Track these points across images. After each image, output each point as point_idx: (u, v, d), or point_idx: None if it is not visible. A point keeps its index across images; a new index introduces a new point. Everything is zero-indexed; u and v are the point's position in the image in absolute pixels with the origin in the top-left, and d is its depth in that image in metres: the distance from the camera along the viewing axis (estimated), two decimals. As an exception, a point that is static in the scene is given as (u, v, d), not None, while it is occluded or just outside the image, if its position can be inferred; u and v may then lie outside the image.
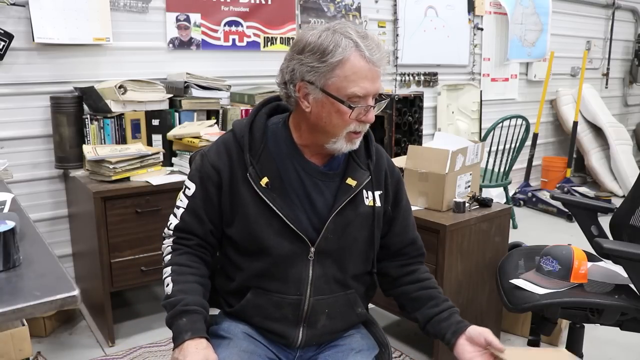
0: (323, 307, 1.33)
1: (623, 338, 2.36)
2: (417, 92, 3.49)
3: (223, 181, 1.30)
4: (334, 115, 1.23)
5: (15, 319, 1.10)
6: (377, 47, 1.21)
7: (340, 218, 1.30)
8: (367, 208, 1.34)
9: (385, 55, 1.24)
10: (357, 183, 1.32)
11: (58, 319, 2.68)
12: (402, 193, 1.44)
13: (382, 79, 1.25)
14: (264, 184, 1.27)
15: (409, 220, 1.45)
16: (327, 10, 3.68)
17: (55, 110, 2.66)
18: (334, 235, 1.31)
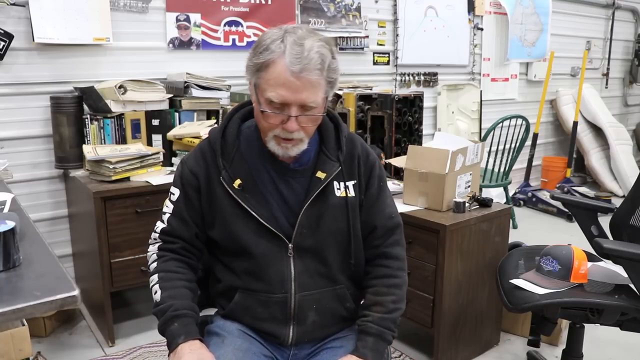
0: (310, 302, 1.34)
1: (623, 338, 2.36)
2: (417, 92, 3.48)
3: (201, 185, 1.34)
4: (258, 115, 1.28)
5: (15, 319, 1.10)
6: (305, 58, 1.17)
7: (312, 211, 1.32)
8: (339, 199, 1.34)
9: (314, 68, 1.18)
10: (326, 175, 1.32)
11: (58, 319, 2.68)
12: (373, 179, 1.40)
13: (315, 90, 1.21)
14: (237, 186, 1.30)
15: (375, 207, 1.40)
16: (327, 10, 3.68)
17: (55, 110, 2.66)
18: (308, 229, 1.32)
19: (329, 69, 1.22)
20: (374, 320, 1.31)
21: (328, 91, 1.26)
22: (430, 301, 2.30)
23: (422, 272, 2.32)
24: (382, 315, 1.32)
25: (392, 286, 1.36)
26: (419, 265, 2.32)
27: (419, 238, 2.31)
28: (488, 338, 2.54)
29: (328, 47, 1.22)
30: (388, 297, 1.34)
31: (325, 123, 1.37)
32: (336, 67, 1.24)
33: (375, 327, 1.31)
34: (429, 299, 2.30)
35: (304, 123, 1.24)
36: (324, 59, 1.20)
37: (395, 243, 1.41)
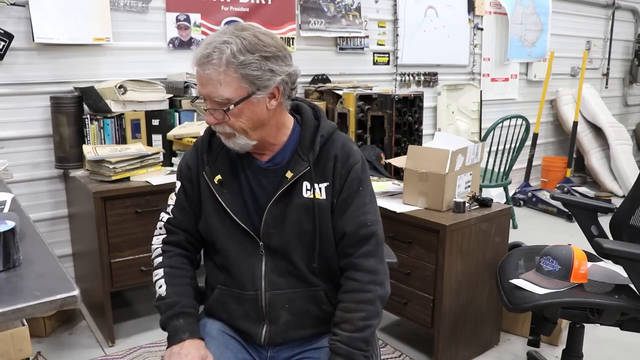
0: (282, 301, 1.34)
1: (623, 338, 2.36)
2: (417, 92, 3.48)
3: (193, 177, 1.40)
4: None
5: (15, 319, 1.10)
6: (204, 53, 1.21)
7: (277, 210, 1.32)
8: (305, 200, 1.32)
9: (210, 63, 1.20)
10: (293, 175, 1.31)
11: (58, 319, 2.68)
12: (350, 182, 1.34)
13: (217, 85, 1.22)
14: (217, 181, 1.34)
15: (347, 212, 1.34)
16: (327, 10, 3.68)
17: (55, 110, 2.66)
18: (274, 229, 1.33)
19: (239, 64, 1.19)
20: (343, 340, 1.27)
21: (249, 89, 1.22)
22: (430, 301, 2.30)
23: (422, 272, 2.32)
24: (350, 334, 1.27)
25: (362, 302, 1.29)
26: (419, 265, 2.32)
27: (419, 238, 2.31)
28: (488, 338, 2.54)
29: (238, 43, 1.20)
30: (357, 314, 1.28)
31: (307, 122, 1.36)
32: (250, 62, 1.20)
33: (344, 347, 1.26)
34: (429, 299, 2.30)
35: (222, 117, 1.25)
36: (222, 54, 1.19)
37: (368, 254, 1.32)
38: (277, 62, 1.24)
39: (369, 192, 1.38)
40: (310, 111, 1.39)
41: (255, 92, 1.23)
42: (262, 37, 1.23)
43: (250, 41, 1.21)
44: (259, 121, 1.27)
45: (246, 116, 1.25)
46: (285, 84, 1.27)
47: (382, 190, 2.64)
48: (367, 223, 1.33)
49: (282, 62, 1.25)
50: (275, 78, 1.24)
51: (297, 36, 3.58)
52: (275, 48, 1.24)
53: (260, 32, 1.25)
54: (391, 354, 2.50)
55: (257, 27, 1.27)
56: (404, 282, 2.40)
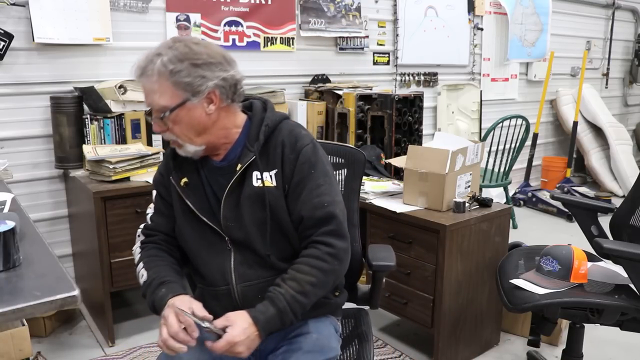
0: (254, 292, 1.35)
1: (623, 338, 2.36)
2: (417, 92, 3.48)
3: (165, 182, 1.45)
4: None
5: (15, 319, 1.10)
6: (138, 65, 1.29)
7: (232, 203, 1.37)
8: (256, 189, 1.35)
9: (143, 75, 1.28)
10: (240, 166, 1.35)
11: (58, 319, 2.68)
12: (300, 166, 1.35)
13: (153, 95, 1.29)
14: (183, 184, 1.40)
15: (302, 195, 1.35)
16: (327, 10, 3.68)
17: (55, 110, 2.66)
18: (232, 221, 1.37)
19: (170, 72, 1.26)
20: (286, 296, 1.27)
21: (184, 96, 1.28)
22: (430, 301, 2.30)
23: (422, 272, 2.32)
24: (294, 294, 1.28)
25: (316, 267, 1.30)
26: (419, 265, 2.33)
27: (419, 238, 2.31)
28: (488, 338, 2.54)
29: (169, 54, 1.27)
30: (307, 277, 1.30)
31: (255, 116, 1.40)
32: (180, 70, 1.26)
33: (283, 302, 1.27)
34: (429, 299, 2.30)
35: (165, 125, 1.31)
36: (154, 65, 1.26)
37: (328, 233, 1.33)
38: (208, 68, 1.28)
39: (323, 173, 1.38)
40: (260, 105, 1.43)
41: (190, 98, 1.28)
42: (193, 47, 1.29)
43: (181, 51, 1.27)
44: (200, 126, 1.32)
45: (185, 122, 1.30)
46: (221, 88, 1.30)
47: (382, 190, 2.64)
48: (324, 204, 1.34)
49: (215, 68, 1.29)
50: (208, 83, 1.28)
51: (297, 36, 3.58)
52: (207, 55, 1.29)
53: (194, 43, 1.30)
54: (391, 354, 2.50)
55: (194, 39, 1.33)
56: (404, 282, 2.40)
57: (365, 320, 1.65)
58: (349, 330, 1.64)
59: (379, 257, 1.61)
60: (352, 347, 1.55)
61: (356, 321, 1.66)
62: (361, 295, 1.70)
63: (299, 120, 3.31)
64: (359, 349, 1.53)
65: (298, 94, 3.65)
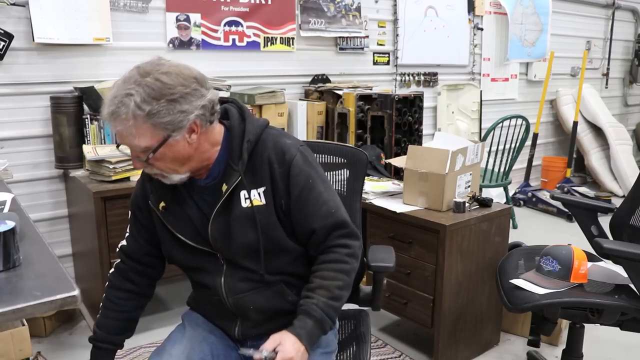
0: (246, 303, 1.36)
1: (623, 338, 2.36)
2: (417, 92, 3.48)
3: (142, 205, 1.42)
4: None
5: (15, 319, 1.11)
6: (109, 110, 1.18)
7: (220, 224, 1.32)
8: (245, 210, 1.30)
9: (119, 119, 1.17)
10: (227, 187, 1.30)
11: (58, 319, 2.68)
12: (294, 180, 1.31)
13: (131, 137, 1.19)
14: (161, 208, 1.35)
15: (307, 208, 1.32)
16: (327, 10, 3.68)
17: (55, 110, 2.66)
18: (221, 242, 1.33)
19: (147, 114, 1.16)
20: (319, 304, 1.27)
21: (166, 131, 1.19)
22: (430, 301, 2.30)
23: (422, 272, 2.32)
24: (327, 300, 1.28)
25: (340, 271, 1.32)
26: (419, 265, 2.32)
27: (419, 238, 2.31)
28: (488, 338, 2.54)
29: (141, 92, 1.16)
30: (335, 282, 1.30)
31: (234, 128, 1.32)
32: (158, 110, 1.16)
33: (319, 311, 1.27)
34: (429, 299, 2.30)
35: (146, 164, 1.24)
36: (128, 109, 1.15)
37: (343, 236, 1.34)
38: (186, 100, 1.19)
39: (320, 179, 1.35)
40: (237, 115, 1.35)
41: (171, 134, 1.20)
42: (165, 79, 1.17)
43: (153, 87, 1.16)
44: (183, 157, 1.26)
45: (169, 157, 1.24)
46: (202, 115, 1.23)
47: (382, 190, 2.64)
48: (331, 211, 1.33)
49: (192, 98, 1.20)
50: (189, 117, 1.20)
51: (297, 36, 3.58)
52: (182, 86, 1.19)
53: (163, 73, 1.18)
54: (391, 354, 2.50)
55: (160, 67, 1.20)
56: (404, 282, 2.40)
57: (365, 321, 1.65)
58: (349, 331, 1.64)
59: (378, 258, 1.60)
60: (351, 348, 1.55)
61: (356, 322, 1.66)
62: (363, 297, 1.69)
63: (299, 120, 3.31)
64: (357, 350, 1.53)
65: (298, 94, 3.65)
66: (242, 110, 1.36)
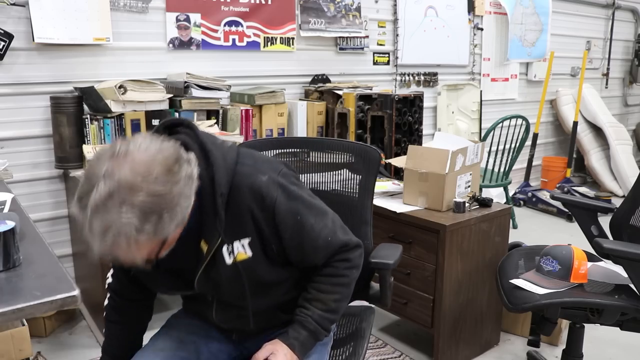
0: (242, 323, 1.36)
1: (623, 338, 2.36)
2: (417, 92, 3.48)
3: None
4: None
5: (15, 319, 1.10)
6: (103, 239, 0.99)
7: (206, 280, 1.26)
8: (230, 268, 1.22)
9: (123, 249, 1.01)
10: (209, 247, 1.20)
11: (58, 319, 2.68)
12: (283, 225, 1.22)
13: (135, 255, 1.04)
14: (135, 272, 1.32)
15: (304, 249, 1.27)
16: (327, 10, 3.68)
17: (55, 110, 2.66)
18: (210, 292, 1.31)
19: (152, 232, 1.01)
20: (314, 317, 1.29)
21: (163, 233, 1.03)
22: (430, 301, 2.30)
23: (422, 272, 2.32)
24: (322, 313, 1.30)
25: (338, 285, 1.32)
26: (419, 265, 2.32)
27: (419, 238, 2.31)
28: (488, 338, 2.54)
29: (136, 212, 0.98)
30: (331, 295, 1.31)
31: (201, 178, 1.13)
32: (162, 222, 1.01)
33: (313, 323, 1.29)
34: (429, 299, 2.30)
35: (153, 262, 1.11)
36: (129, 238, 0.98)
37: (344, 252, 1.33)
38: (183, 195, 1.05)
39: (306, 207, 1.26)
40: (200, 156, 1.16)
41: (167, 237, 1.06)
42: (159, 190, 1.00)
43: (145, 200, 0.98)
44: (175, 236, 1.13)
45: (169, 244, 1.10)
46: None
47: (382, 190, 2.64)
48: (328, 239, 1.29)
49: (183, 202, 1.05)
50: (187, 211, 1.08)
51: (297, 36, 3.58)
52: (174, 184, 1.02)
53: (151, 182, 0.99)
54: (391, 354, 2.50)
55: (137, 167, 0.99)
56: (404, 282, 2.40)
57: (368, 318, 1.66)
58: (354, 328, 1.64)
59: (380, 254, 1.60)
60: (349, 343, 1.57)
61: (360, 319, 1.67)
62: (373, 294, 1.69)
63: (299, 120, 3.31)
64: (354, 344, 1.55)
65: (298, 94, 3.65)
66: (203, 146, 1.18)
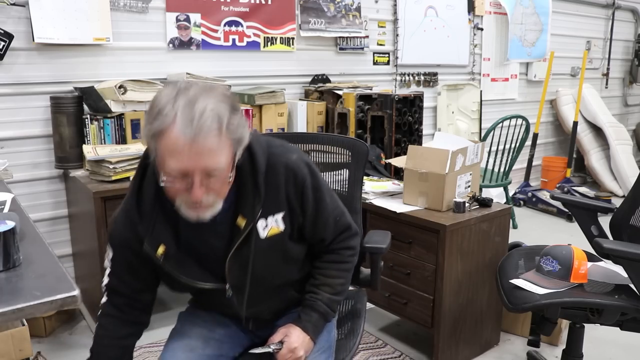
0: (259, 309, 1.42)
1: (623, 338, 2.36)
2: (417, 92, 3.48)
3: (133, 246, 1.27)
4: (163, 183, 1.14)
5: (15, 319, 1.10)
6: (197, 121, 1.05)
7: (239, 258, 1.28)
8: (265, 241, 1.27)
9: (209, 132, 1.06)
10: (247, 221, 1.24)
11: (58, 319, 2.68)
12: (306, 198, 1.30)
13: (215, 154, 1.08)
14: (160, 254, 1.24)
15: (318, 223, 1.35)
16: (327, 10, 3.68)
17: (55, 110, 2.66)
18: (239, 272, 1.30)
19: (229, 129, 1.09)
20: (324, 300, 1.39)
21: (236, 148, 1.14)
22: (430, 301, 2.30)
23: (422, 272, 2.32)
24: (331, 296, 1.40)
25: (343, 270, 1.44)
26: (419, 265, 2.32)
27: (419, 238, 2.31)
28: (488, 338, 2.54)
29: (226, 104, 1.09)
30: (338, 279, 1.43)
31: (242, 160, 1.21)
32: (238, 124, 1.11)
33: (323, 306, 1.39)
34: (429, 299, 2.30)
35: (211, 186, 1.13)
36: (221, 120, 1.07)
37: (346, 238, 1.44)
38: (242, 115, 1.16)
39: (324, 187, 1.37)
40: None
41: (237, 152, 1.15)
42: (229, 94, 1.13)
43: (230, 99, 1.11)
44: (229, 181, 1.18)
45: (226, 180, 1.16)
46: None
47: (382, 190, 2.64)
48: (337, 218, 1.41)
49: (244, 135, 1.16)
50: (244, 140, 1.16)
51: (297, 36, 3.58)
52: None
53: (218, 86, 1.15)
54: (391, 354, 2.50)
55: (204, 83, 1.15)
56: (404, 282, 2.40)
57: (362, 299, 1.77)
58: (349, 308, 1.75)
59: (373, 240, 1.73)
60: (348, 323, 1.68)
61: (355, 300, 1.78)
62: (363, 278, 1.80)
63: (299, 120, 3.31)
64: (352, 323, 1.65)
65: (298, 94, 3.65)
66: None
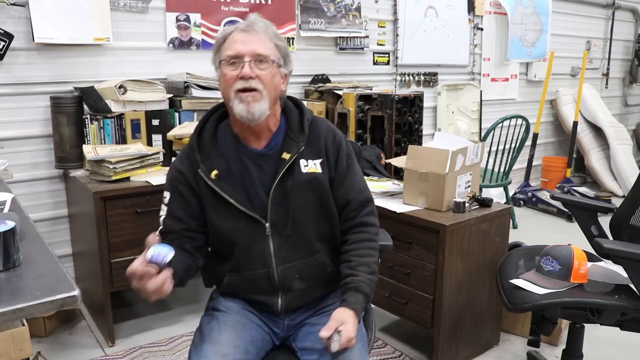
0: (293, 272, 1.47)
1: (623, 338, 2.36)
2: (417, 92, 3.49)
3: (189, 180, 1.46)
4: (221, 81, 1.42)
5: (15, 319, 1.11)
6: (251, 21, 1.42)
7: (281, 189, 1.44)
8: (305, 175, 1.46)
9: (259, 26, 1.40)
10: (290, 155, 1.44)
11: (58, 319, 2.68)
12: (341, 157, 1.51)
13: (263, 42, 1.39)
14: (214, 176, 1.42)
15: (345, 181, 1.51)
16: (327, 10, 3.68)
17: (55, 110, 2.66)
18: (280, 205, 1.44)
19: (275, 35, 1.43)
20: (365, 281, 1.43)
21: (280, 59, 1.43)
22: (430, 301, 2.30)
23: (422, 272, 2.32)
24: (370, 276, 1.45)
25: (373, 248, 1.50)
26: (419, 265, 2.32)
27: (419, 238, 2.31)
28: (488, 338, 2.54)
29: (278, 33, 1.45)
30: (371, 258, 1.48)
31: (290, 110, 1.51)
32: (282, 38, 1.45)
33: (366, 287, 1.43)
34: (429, 299, 2.30)
35: (259, 71, 1.38)
36: (270, 26, 1.43)
37: (369, 213, 1.54)
38: (290, 57, 1.48)
39: (356, 164, 1.58)
40: (291, 102, 1.55)
41: (282, 65, 1.44)
42: None
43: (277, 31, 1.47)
44: (276, 93, 1.43)
45: (273, 82, 1.40)
46: (288, 78, 1.49)
47: (382, 190, 2.64)
48: (362, 189, 1.54)
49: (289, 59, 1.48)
50: (289, 66, 1.47)
51: (297, 36, 3.58)
52: None
53: None
54: (391, 354, 2.50)
55: None
56: (404, 282, 2.40)
57: None
58: None
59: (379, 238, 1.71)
60: None
61: None
62: None
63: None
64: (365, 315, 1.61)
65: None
66: (295, 99, 1.57)
